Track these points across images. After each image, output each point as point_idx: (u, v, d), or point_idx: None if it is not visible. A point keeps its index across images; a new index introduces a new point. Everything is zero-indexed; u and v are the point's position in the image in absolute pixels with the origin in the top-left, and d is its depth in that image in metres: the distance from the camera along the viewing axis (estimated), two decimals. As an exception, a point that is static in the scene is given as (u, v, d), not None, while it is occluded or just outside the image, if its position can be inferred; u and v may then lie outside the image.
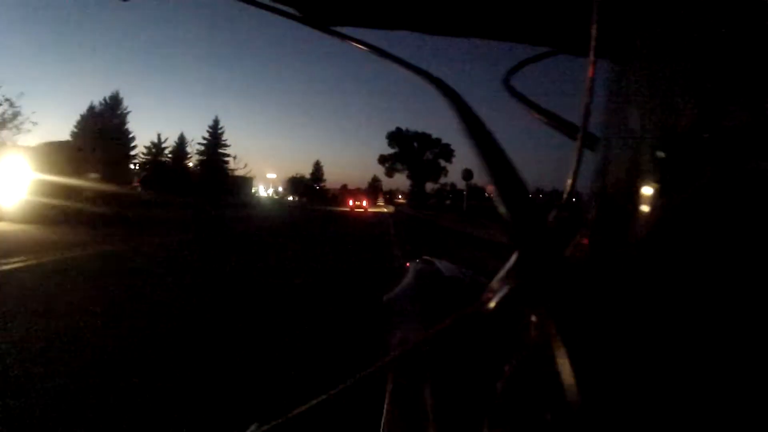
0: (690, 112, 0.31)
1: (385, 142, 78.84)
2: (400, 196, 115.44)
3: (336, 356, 3.49)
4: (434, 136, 77.55)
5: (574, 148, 0.39)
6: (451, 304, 0.58)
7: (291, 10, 0.59)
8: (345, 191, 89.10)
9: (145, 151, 59.88)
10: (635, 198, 0.33)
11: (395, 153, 79.36)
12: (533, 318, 0.35)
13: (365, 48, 0.58)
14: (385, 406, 0.52)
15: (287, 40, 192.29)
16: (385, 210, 62.06)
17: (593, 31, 0.37)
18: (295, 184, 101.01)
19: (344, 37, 0.60)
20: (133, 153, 56.82)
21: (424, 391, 0.48)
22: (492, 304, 0.39)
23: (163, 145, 62.29)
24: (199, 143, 66.82)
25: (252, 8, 0.60)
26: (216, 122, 68.83)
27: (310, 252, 10.40)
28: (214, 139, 68.08)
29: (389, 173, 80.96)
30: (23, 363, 2.92)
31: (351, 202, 58.69)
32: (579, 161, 0.39)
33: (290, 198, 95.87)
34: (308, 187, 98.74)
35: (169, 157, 61.67)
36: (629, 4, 0.37)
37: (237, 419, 2.39)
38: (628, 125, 0.36)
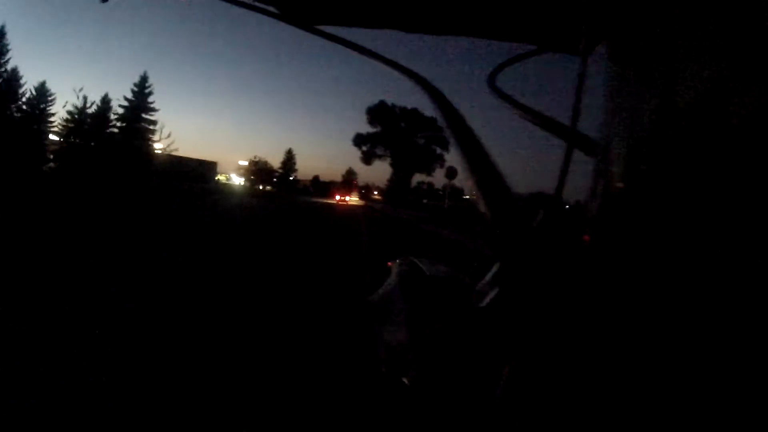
0: (690, 111, 0.30)
1: (363, 118, 61.97)
2: (375, 192, 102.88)
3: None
4: (428, 114, 58.20)
5: (563, 147, 0.39)
6: (434, 303, 0.57)
7: (272, 9, 0.59)
8: (317, 183, 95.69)
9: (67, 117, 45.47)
10: (635, 197, 0.32)
11: (376, 133, 61.84)
12: (522, 321, 0.35)
13: (349, 47, 0.57)
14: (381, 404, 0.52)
15: (256, 25, 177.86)
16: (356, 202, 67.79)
17: (583, 31, 0.37)
18: (257, 172, 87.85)
19: (328, 36, 0.59)
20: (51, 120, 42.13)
21: (418, 389, 0.48)
22: (482, 306, 0.39)
23: (89, 110, 46.74)
24: (120, 105, 50.42)
25: (233, 7, 0.59)
26: (144, 79, 52.18)
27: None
28: (139, 101, 51.44)
29: (367, 159, 63.15)
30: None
31: (338, 197, 67.15)
32: (568, 161, 0.39)
33: (260, 187, 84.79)
34: (279, 177, 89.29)
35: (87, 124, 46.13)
36: (630, 5, 0.36)
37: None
38: (628, 125, 0.36)
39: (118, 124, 49.88)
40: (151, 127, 51.64)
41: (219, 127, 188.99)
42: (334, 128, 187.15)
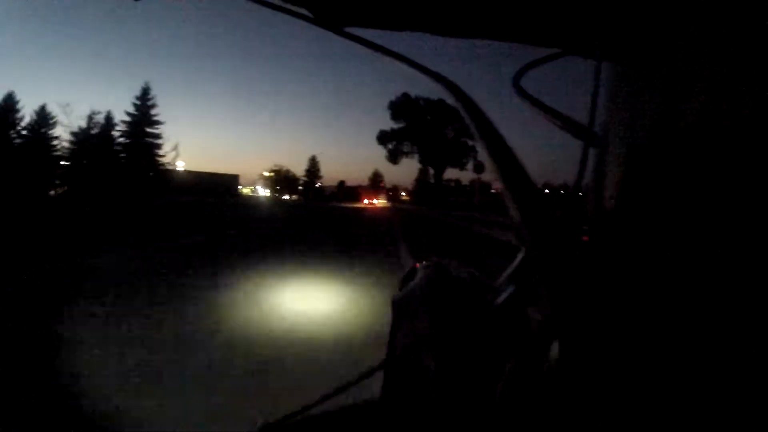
0: (690, 111, 0.31)
1: (387, 119, 56.31)
2: (403, 193, 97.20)
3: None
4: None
5: (582, 148, 0.40)
6: (459, 305, 0.58)
7: (303, 11, 0.59)
8: (343, 189, 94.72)
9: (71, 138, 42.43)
10: (635, 197, 0.33)
11: (401, 129, 56.03)
12: (538, 317, 0.35)
13: (377, 50, 0.58)
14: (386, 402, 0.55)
15: (278, 31, 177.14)
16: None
17: (600, 34, 0.39)
18: (281, 181, 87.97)
19: (356, 38, 0.60)
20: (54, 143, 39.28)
21: (426, 388, 0.50)
22: (498, 302, 0.40)
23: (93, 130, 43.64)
24: (123, 121, 46.94)
25: (248, 14, 0.62)
26: (146, 91, 48.39)
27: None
28: (142, 115, 47.73)
29: (393, 158, 57.53)
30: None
31: (366, 200, 73.31)
32: (585, 160, 0.40)
33: (287, 197, 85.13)
34: (304, 185, 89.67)
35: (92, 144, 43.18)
36: (631, 6, 0.37)
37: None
38: (627, 125, 0.36)
39: (122, 140, 46.36)
40: (157, 141, 47.68)
41: (238, 139, 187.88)
42: (357, 131, 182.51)
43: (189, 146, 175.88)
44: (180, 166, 63.76)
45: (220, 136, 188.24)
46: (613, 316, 0.32)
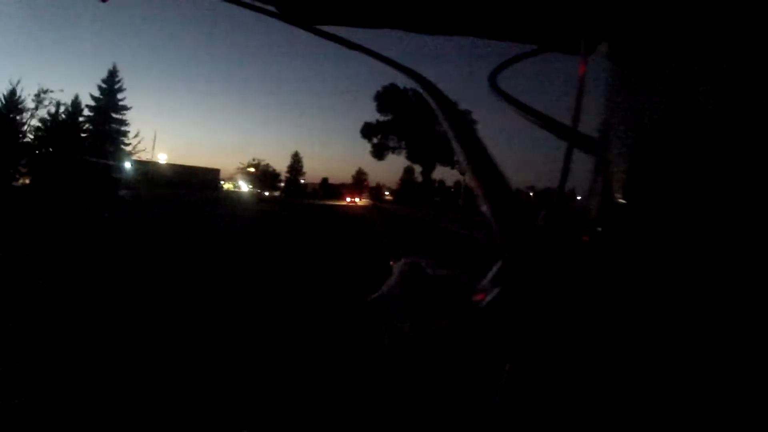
0: (690, 111, 0.31)
1: (372, 116, 53.15)
2: (387, 193, 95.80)
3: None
4: (450, 97, 49.79)
5: (564, 148, 0.39)
6: (436, 304, 0.60)
7: (271, 9, 0.60)
8: (326, 186, 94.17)
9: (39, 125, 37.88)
10: (634, 197, 0.33)
11: (388, 122, 52.88)
12: (523, 320, 0.35)
13: (349, 47, 0.59)
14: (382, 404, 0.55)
15: (251, 25, 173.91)
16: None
17: (584, 31, 0.38)
18: (260, 176, 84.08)
19: (328, 35, 0.61)
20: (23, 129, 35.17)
21: (420, 389, 0.50)
22: (483, 305, 0.40)
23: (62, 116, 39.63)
24: (88, 105, 43.03)
25: (230, 6, 0.60)
26: (112, 73, 44.48)
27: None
28: (108, 98, 43.83)
29: (378, 153, 54.70)
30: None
31: (348, 199, 70.01)
32: (568, 160, 0.40)
33: (266, 193, 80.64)
34: (287, 181, 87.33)
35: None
36: (630, 5, 0.37)
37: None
38: (628, 125, 0.36)
39: (86, 126, 42.40)
40: (123, 128, 43.82)
41: (219, 133, 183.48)
42: (341, 127, 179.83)
43: (173, 139, 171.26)
44: (162, 158, 64.66)
45: (203, 130, 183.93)
46: (614, 315, 0.32)
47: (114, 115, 43.49)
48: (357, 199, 69.43)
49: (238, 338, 3.49)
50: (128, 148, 43.61)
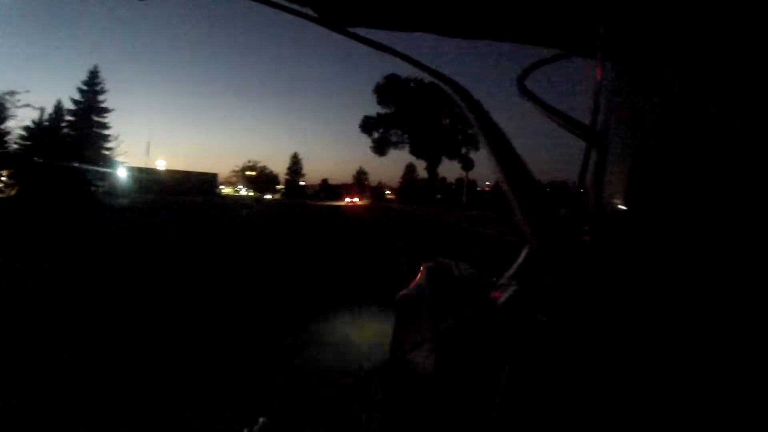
0: (690, 111, 0.31)
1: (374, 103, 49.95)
2: (388, 192, 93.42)
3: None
4: None
5: (584, 147, 0.40)
6: (461, 304, 0.60)
7: (308, 11, 0.60)
8: (326, 187, 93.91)
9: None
10: (634, 197, 0.33)
11: (389, 115, 49.00)
12: (541, 317, 0.35)
13: (383, 50, 0.60)
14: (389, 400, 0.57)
15: (249, 26, 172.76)
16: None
17: (601, 35, 0.38)
18: (258, 179, 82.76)
19: (360, 38, 0.61)
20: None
21: (430, 386, 0.52)
22: (501, 302, 0.41)
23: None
24: (68, 109, 40.22)
25: (265, 8, 0.60)
26: (93, 74, 41.55)
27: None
28: (89, 101, 40.90)
29: (379, 148, 50.60)
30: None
31: (347, 199, 71.43)
32: (587, 159, 0.40)
33: (267, 196, 78.66)
34: (286, 184, 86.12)
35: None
36: (631, 7, 0.37)
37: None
38: (627, 125, 0.36)
39: (65, 131, 39.52)
40: (105, 131, 40.84)
41: (216, 136, 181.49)
42: (341, 127, 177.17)
43: (169, 145, 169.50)
44: (161, 165, 67.27)
45: (200, 134, 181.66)
46: (615, 314, 0.32)
47: (95, 118, 40.54)
48: (356, 199, 71.80)
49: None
50: (109, 153, 40.76)
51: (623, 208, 0.35)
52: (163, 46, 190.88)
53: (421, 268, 0.78)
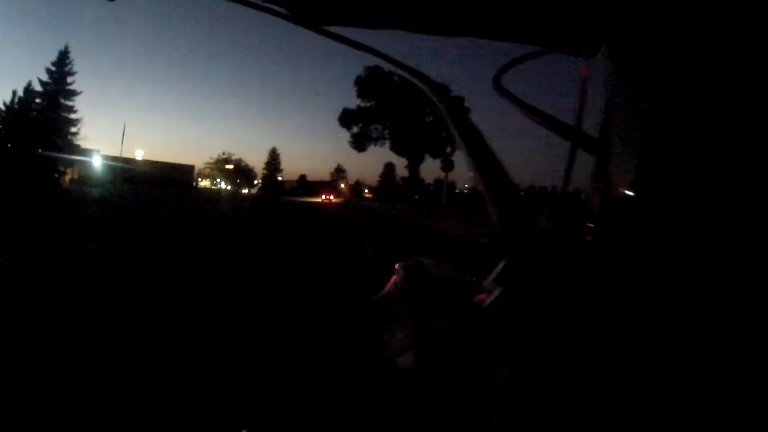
0: (689, 111, 0.31)
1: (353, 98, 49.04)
2: (366, 191, 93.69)
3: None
4: (438, 81, 44.38)
5: (567, 147, 0.40)
6: (440, 304, 0.61)
7: (281, 10, 0.60)
8: (304, 183, 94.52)
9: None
10: (635, 197, 0.33)
11: (369, 108, 47.79)
12: (526, 320, 0.35)
13: (359, 48, 0.60)
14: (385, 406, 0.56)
15: (229, 19, 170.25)
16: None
17: (587, 32, 0.38)
18: (234, 173, 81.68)
19: (336, 37, 0.62)
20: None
21: (422, 390, 0.52)
22: (486, 305, 0.40)
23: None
24: (34, 90, 38.36)
25: (240, 7, 0.61)
26: (63, 54, 39.73)
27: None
28: (57, 84, 39.14)
29: (359, 144, 49.34)
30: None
31: (324, 196, 70.85)
32: (572, 160, 0.40)
33: (244, 190, 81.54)
34: (264, 178, 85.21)
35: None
36: (629, 6, 0.37)
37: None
38: (628, 125, 0.36)
39: (33, 115, 37.68)
40: (72, 116, 39.10)
41: (193, 128, 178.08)
42: (320, 124, 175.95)
43: (145, 134, 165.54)
44: (139, 155, 66.22)
45: (177, 124, 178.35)
46: (615, 314, 0.32)
47: (63, 101, 38.78)
48: (332, 197, 71.45)
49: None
50: (73, 139, 39.02)
51: (624, 207, 0.35)
52: (146, 37, 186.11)
53: (397, 267, 0.75)
